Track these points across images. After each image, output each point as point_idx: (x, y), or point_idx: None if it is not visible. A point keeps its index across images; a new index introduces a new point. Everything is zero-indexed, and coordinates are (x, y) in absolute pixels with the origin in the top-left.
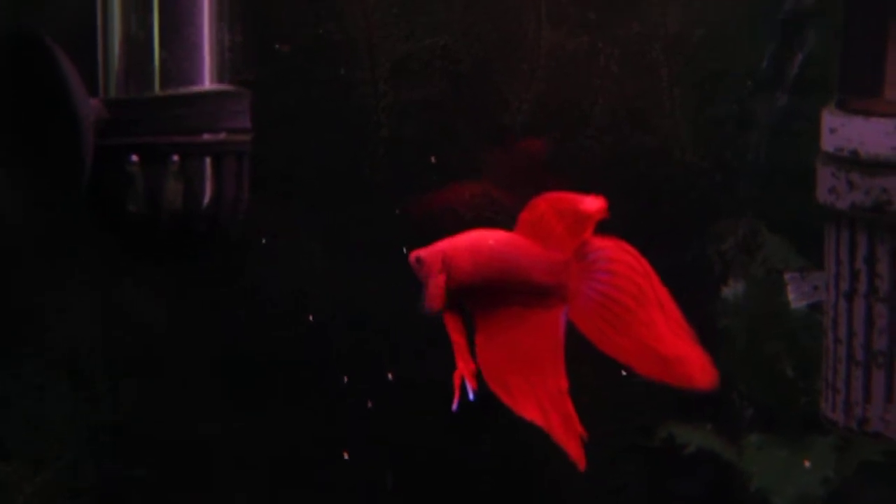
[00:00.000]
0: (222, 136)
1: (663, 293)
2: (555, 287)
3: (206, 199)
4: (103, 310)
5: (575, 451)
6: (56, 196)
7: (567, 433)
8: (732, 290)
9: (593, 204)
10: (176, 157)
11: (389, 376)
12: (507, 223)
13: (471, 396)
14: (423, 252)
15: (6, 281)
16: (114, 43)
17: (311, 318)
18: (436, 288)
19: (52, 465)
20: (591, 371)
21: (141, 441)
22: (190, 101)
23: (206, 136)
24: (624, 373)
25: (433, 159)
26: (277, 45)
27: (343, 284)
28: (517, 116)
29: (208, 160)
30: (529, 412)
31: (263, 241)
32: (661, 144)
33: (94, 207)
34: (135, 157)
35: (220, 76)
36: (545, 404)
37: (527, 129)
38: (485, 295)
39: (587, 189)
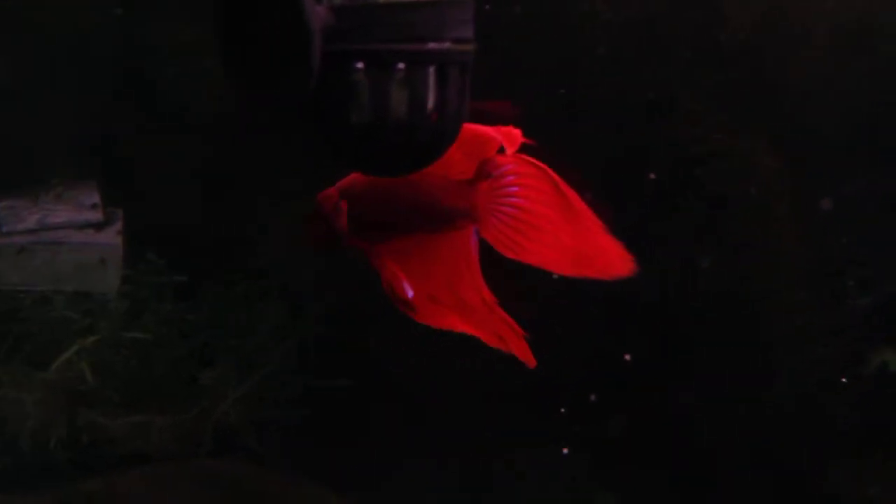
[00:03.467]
0: (447, 45)
1: (572, 194)
2: (465, 209)
3: (430, 110)
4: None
5: (521, 352)
6: (282, 105)
7: (509, 338)
8: None
9: (498, 132)
10: (401, 66)
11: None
12: None
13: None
14: (319, 196)
15: (220, 195)
16: None
17: None
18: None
19: (257, 374)
20: (804, 298)
21: (345, 352)
22: (416, 9)
23: (432, 45)
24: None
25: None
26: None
27: None
28: (737, 35)
29: (432, 70)
30: (460, 326)
31: None
32: (890, 66)
33: (317, 116)
34: (360, 65)
35: None
36: (476, 318)
37: (746, 49)
38: (389, 226)
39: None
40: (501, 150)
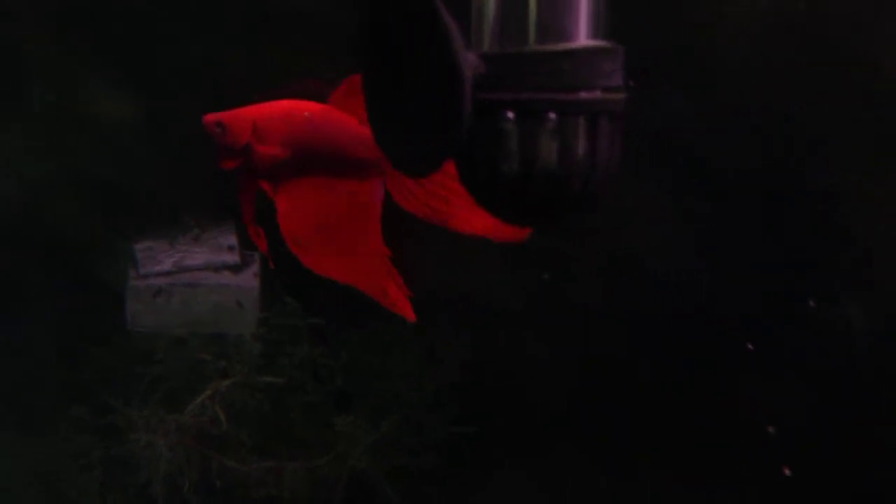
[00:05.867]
0: (598, 94)
1: None
2: (373, 161)
3: (580, 160)
4: (449, 269)
5: (404, 310)
6: (432, 152)
7: (393, 294)
8: None
9: None
10: (552, 115)
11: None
12: None
13: (270, 265)
14: (224, 116)
15: None
16: None
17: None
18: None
19: (391, 420)
20: None
21: (479, 399)
22: (568, 57)
23: (583, 94)
24: None
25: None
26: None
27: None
28: (889, 82)
29: (583, 119)
30: (345, 276)
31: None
32: None
33: (465, 165)
34: (510, 114)
35: (595, 32)
36: (365, 269)
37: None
38: (295, 164)
39: None
40: None
